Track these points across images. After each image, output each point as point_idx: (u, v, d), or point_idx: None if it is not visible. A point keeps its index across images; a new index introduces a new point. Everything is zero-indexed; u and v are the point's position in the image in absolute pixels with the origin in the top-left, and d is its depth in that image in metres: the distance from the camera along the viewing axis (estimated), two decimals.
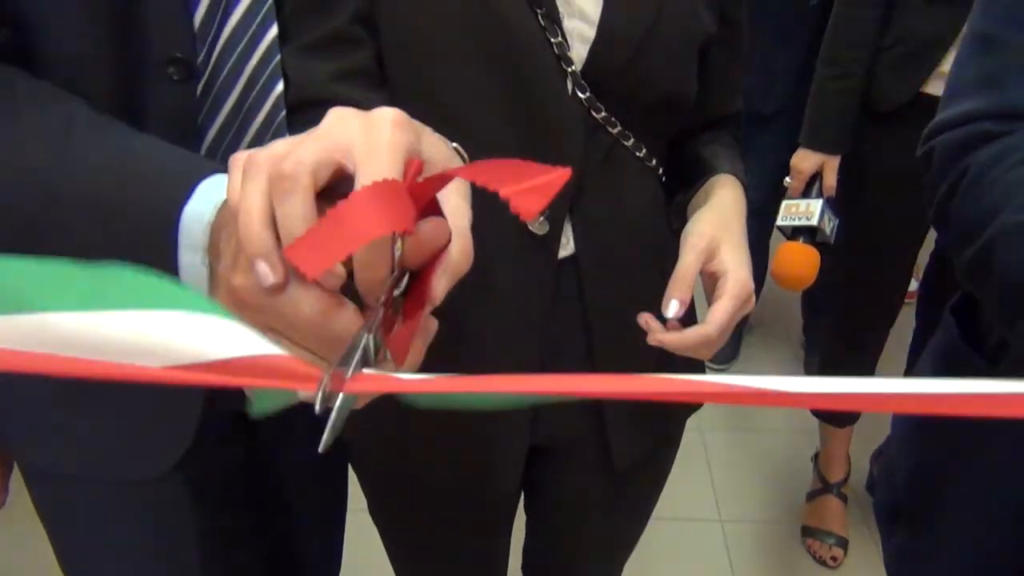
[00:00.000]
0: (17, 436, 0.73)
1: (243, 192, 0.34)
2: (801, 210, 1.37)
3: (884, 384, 0.28)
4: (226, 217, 0.39)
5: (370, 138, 0.34)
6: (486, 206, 0.70)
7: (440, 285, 0.36)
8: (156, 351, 0.33)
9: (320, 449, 0.32)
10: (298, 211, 0.33)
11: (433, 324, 0.39)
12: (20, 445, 0.74)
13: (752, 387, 0.29)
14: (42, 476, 0.76)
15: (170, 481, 0.72)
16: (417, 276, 0.37)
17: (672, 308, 0.66)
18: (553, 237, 0.72)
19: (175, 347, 0.33)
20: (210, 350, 0.33)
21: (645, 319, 0.68)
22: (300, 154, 0.34)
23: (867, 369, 1.76)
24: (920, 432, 0.79)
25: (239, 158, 0.36)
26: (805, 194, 1.50)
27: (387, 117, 0.36)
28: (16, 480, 0.79)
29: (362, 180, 0.34)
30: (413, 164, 0.36)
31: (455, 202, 0.37)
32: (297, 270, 0.33)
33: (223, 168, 0.43)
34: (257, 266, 0.33)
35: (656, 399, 0.30)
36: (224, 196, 0.40)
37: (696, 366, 0.91)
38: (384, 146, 0.34)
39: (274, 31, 0.64)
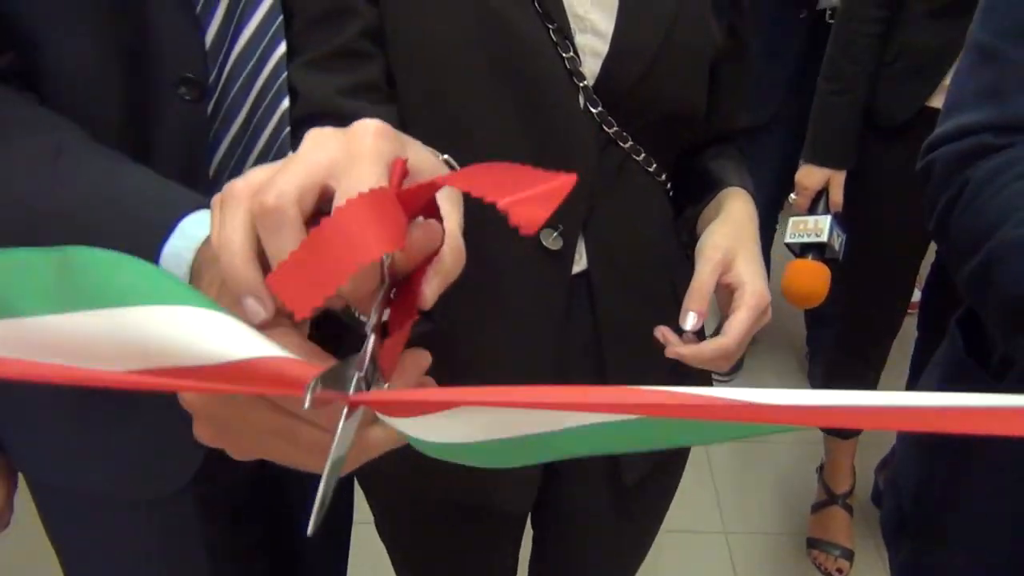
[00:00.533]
0: (25, 453, 0.73)
1: (222, 226, 0.33)
2: (809, 227, 1.37)
3: (883, 398, 0.27)
4: (208, 257, 0.38)
5: (351, 149, 0.33)
6: (499, 221, 0.70)
7: (431, 288, 0.34)
8: (147, 352, 0.31)
9: (309, 532, 0.30)
10: (290, 248, 0.31)
11: (425, 359, 0.37)
12: (27, 461, 0.74)
13: (755, 402, 0.28)
14: (49, 490, 0.76)
15: (180, 499, 0.72)
16: (406, 280, 0.35)
17: (690, 320, 0.66)
18: (567, 252, 0.72)
19: (170, 347, 0.30)
20: (202, 351, 0.30)
21: (662, 332, 0.68)
22: (282, 184, 0.32)
23: (870, 379, 1.76)
24: (925, 443, 0.79)
25: (218, 196, 0.35)
26: (811, 210, 1.50)
27: (368, 128, 0.34)
28: (23, 490, 0.79)
29: (344, 191, 0.32)
30: (397, 164, 0.34)
31: (444, 207, 0.36)
32: (284, 306, 0.31)
33: (208, 203, 0.42)
34: (246, 303, 0.32)
35: (665, 414, 0.29)
36: (205, 233, 0.39)
37: (704, 378, 0.92)
38: (365, 154, 0.33)
39: (282, 48, 0.64)
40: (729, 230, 0.71)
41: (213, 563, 0.78)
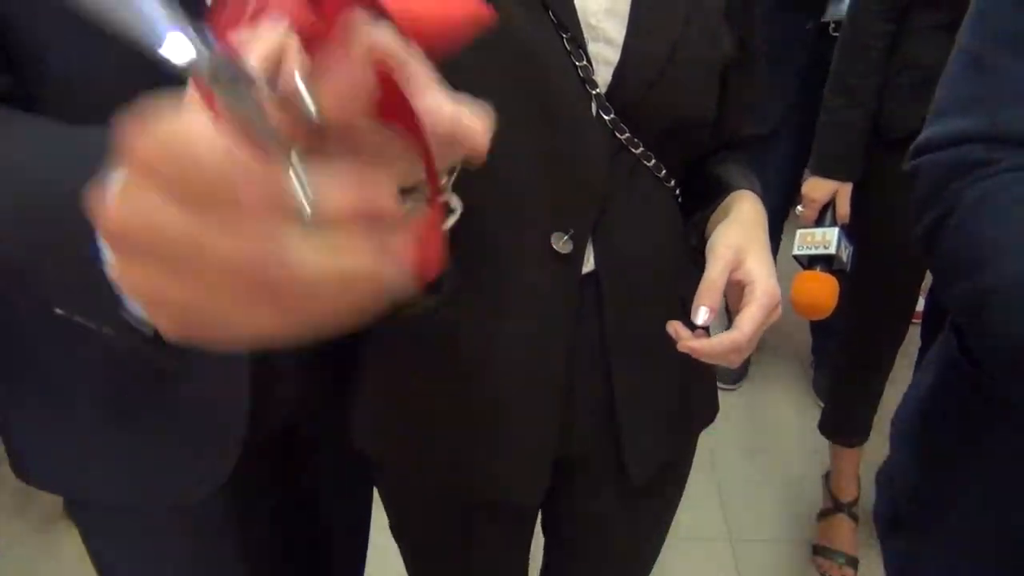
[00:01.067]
0: (60, 468, 0.74)
1: None
2: (817, 239, 1.38)
3: None
4: None
5: None
6: (508, 225, 0.71)
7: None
8: None
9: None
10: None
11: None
12: (62, 478, 0.74)
13: None
14: (84, 503, 0.77)
15: (210, 504, 0.73)
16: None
17: (701, 315, 0.67)
18: (576, 256, 0.73)
19: None
20: None
21: (675, 327, 0.69)
22: None
23: (875, 388, 1.77)
24: (920, 450, 0.81)
25: None
26: (818, 222, 1.50)
27: None
28: (56, 500, 0.81)
29: None
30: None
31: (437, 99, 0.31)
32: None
33: None
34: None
35: None
36: None
37: (709, 383, 0.93)
38: None
39: None
40: (739, 229, 0.72)
41: (239, 563, 0.80)
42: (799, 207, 1.57)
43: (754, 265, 0.68)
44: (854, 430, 1.81)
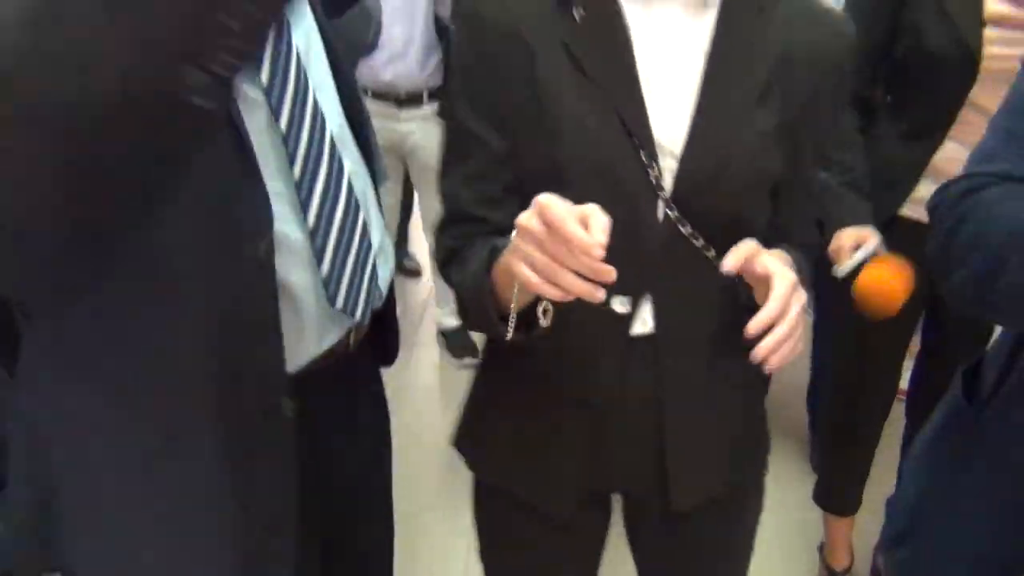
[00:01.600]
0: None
1: None
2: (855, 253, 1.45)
3: None
4: None
5: None
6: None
7: None
8: None
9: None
10: None
11: None
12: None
13: None
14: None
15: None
16: None
17: (728, 262, 0.76)
18: (629, 317, 0.87)
19: None
20: None
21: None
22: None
23: (862, 460, 1.87)
24: (923, 476, 1.02)
25: None
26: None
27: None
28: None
29: None
30: None
31: None
32: None
33: None
34: None
35: None
36: None
37: (758, 470, 1.08)
38: None
39: (347, 169, 0.89)
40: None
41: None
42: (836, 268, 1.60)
43: (770, 261, 0.78)
44: (844, 499, 1.90)
